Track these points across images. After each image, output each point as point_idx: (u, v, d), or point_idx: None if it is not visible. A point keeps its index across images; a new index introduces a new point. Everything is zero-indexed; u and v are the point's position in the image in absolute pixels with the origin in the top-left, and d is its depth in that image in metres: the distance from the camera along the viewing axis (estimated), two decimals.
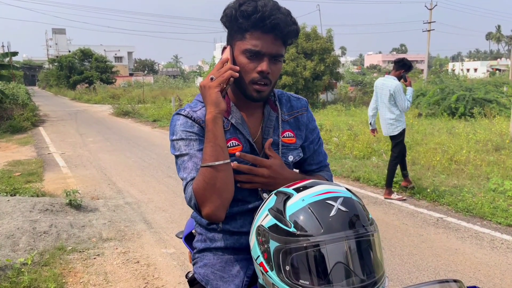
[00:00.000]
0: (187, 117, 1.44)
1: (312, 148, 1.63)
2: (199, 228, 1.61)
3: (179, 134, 1.42)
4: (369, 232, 1.14)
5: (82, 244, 4.39)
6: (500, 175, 6.73)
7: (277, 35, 1.37)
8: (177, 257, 4.14)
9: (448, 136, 10.23)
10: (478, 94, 13.70)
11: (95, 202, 5.93)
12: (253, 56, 1.38)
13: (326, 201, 1.14)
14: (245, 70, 1.39)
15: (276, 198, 1.21)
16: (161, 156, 9.67)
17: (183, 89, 34.81)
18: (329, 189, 1.19)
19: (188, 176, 1.38)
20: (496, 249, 4.23)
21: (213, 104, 1.34)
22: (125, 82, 47.95)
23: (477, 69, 63.19)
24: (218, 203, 1.32)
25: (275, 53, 1.39)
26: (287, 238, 1.11)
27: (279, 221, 1.14)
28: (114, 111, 21.16)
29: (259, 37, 1.36)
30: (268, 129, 1.52)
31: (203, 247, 1.57)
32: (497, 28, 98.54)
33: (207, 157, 1.32)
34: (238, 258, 1.51)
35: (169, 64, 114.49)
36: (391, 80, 5.67)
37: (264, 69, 1.38)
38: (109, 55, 60.28)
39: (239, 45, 1.40)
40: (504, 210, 5.22)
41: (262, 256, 1.18)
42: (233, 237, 1.51)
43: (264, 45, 1.37)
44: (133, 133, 14.04)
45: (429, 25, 34.18)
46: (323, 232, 1.09)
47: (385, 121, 5.79)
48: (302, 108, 1.61)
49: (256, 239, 1.21)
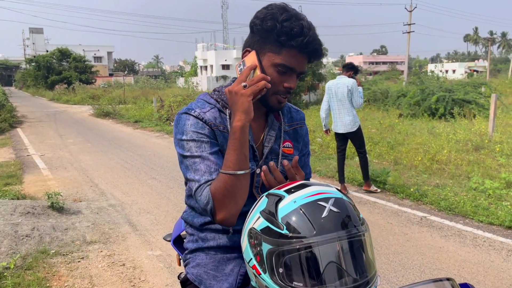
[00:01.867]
0: (198, 118, 1.43)
1: (303, 160, 1.66)
2: (190, 229, 1.61)
3: (190, 134, 1.41)
4: (360, 232, 1.15)
5: (66, 247, 4.32)
6: (481, 174, 6.86)
7: (311, 57, 1.41)
8: (163, 259, 4.10)
9: (429, 136, 10.39)
10: (458, 95, 13.95)
11: (78, 205, 5.84)
12: (283, 72, 1.40)
13: (317, 202, 1.15)
14: (273, 83, 1.39)
15: (268, 200, 1.21)
16: (144, 157, 9.57)
17: (165, 90, 34.51)
18: (320, 190, 1.19)
19: (201, 179, 1.37)
20: (478, 247, 4.31)
21: (244, 112, 1.33)
22: (105, 83, 47.39)
23: (456, 70, 64.41)
24: (235, 210, 1.34)
25: (304, 71, 1.44)
26: (279, 240, 1.11)
27: (271, 224, 1.14)
28: (94, 112, 20.89)
29: (295, 56, 1.38)
30: (270, 137, 1.53)
31: (195, 247, 1.56)
32: (475, 30, 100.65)
33: (231, 164, 1.31)
34: (231, 257, 1.51)
35: (150, 64, 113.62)
36: (346, 79, 6.08)
37: (293, 87, 1.42)
38: (88, 55, 59.50)
39: (271, 57, 1.39)
40: (485, 208, 5.33)
41: (254, 258, 1.18)
42: (226, 235, 1.51)
43: (298, 64, 1.39)
44: (114, 134, 13.88)
45: (409, 27, 34.69)
46: (316, 234, 1.09)
47: (342, 119, 6.08)
48: (301, 121, 1.65)
49: (248, 241, 1.20)
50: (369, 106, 17.09)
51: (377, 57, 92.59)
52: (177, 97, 19.42)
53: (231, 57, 52.29)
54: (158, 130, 14.69)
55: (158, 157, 9.60)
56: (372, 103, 17.68)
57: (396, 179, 6.68)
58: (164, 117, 16.24)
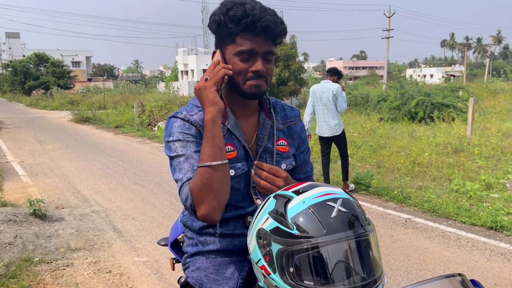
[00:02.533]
0: (184, 120, 1.44)
1: (302, 158, 1.65)
2: (190, 233, 1.60)
3: (176, 135, 1.42)
4: (367, 231, 1.16)
5: (50, 255, 4.23)
6: (461, 177, 7.00)
7: (268, 36, 1.39)
8: (150, 265, 4.05)
9: (410, 139, 10.56)
10: (436, 99, 14.22)
11: (60, 211, 5.73)
12: (246, 58, 1.39)
13: (326, 202, 1.15)
14: (240, 72, 1.40)
15: (276, 201, 1.21)
16: (126, 162, 9.46)
17: (145, 95, 34.26)
18: (328, 190, 1.20)
19: (184, 177, 1.37)
20: (462, 247, 4.40)
21: (211, 104, 1.34)
22: (84, 88, 46.78)
23: (433, 75, 65.72)
24: (214, 204, 1.32)
25: (268, 50, 1.41)
26: (289, 240, 1.11)
27: (281, 224, 1.14)
28: (73, 117, 20.57)
29: (250, 39, 1.38)
30: (263, 136, 1.53)
31: (195, 251, 1.56)
32: (451, 36, 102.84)
33: (205, 157, 1.31)
34: (231, 261, 1.51)
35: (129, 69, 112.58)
36: (331, 83, 6.19)
37: (259, 68, 1.39)
38: (66, 59, 58.65)
39: (230, 49, 1.41)
40: (467, 209, 5.43)
41: (263, 259, 1.18)
42: (226, 239, 1.51)
43: (256, 45, 1.38)
44: (95, 140, 13.68)
45: (388, 33, 35.27)
46: (325, 233, 1.10)
47: (327, 123, 6.16)
48: (296, 118, 1.64)
49: (257, 242, 1.20)
50: (351, 111, 17.29)
51: (356, 62, 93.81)
52: (158, 102, 19.28)
53: None
54: (140, 135, 14.55)
55: (141, 162, 9.50)
56: (353, 107, 17.90)
57: (379, 182, 6.76)
58: (145, 122, 16.09)
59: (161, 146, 12.14)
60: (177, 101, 20.94)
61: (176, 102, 20.50)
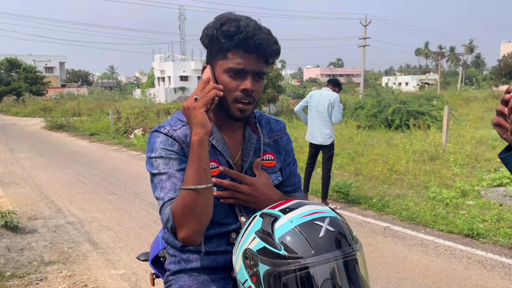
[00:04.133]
0: (167, 135, 1.40)
1: (289, 170, 1.62)
2: (172, 250, 1.55)
3: (159, 151, 1.38)
4: (355, 251, 1.15)
5: (23, 269, 4.07)
6: (437, 184, 7.10)
7: (260, 54, 1.37)
8: (128, 278, 3.95)
9: (387, 147, 10.69)
10: (412, 107, 14.49)
11: (33, 223, 5.55)
12: (236, 75, 1.36)
13: (314, 221, 1.13)
14: (228, 89, 1.36)
15: (263, 220, 1.18)
16: (102, 171, 9.27)
17: (121, 101, 33.81)
18: (315, 209, 1.18)
19: (165, 196, 1.34)
20: (440, 255, 4.44)
21: (200, 125, 1.30)
22: (57, 94, 45.93)
23: (408, 83, 67.07)
24: (196, 228, 1.30)
25: (258, 70, 1.38)
26: (277, 261, 1.08)
27: (268, 244, 1.11)
28: (47, 125, 20.14)
29: (241, 56, 1.35)
30: (248, 152, 1.50)
31: (177, 268, 1.51)
32: (425, 45, 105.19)
33: (190, 179, 1.28)
34: (215, 278, 1.47)
35: (105, 75, 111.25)
36: (330, 92, 6.05)
37: (248, 87, 1.36)
38: (39, 65, 57.46)
39: (221, 64, 1.38)
40: (444, 217, 5.50)
41: (250, 279, 1.14)
42: (210, 256, 1.47)
43: (247, 64, 1.36)
44: (69, 148, 13.39)
45: (364, 41, 35.84)
46: (314, 254, 1.08)
47: (322, 131, 6.05)
48: (281, 132, 1.61)
49: (244, 262, 1.16)
50: None
51: (333, 69, 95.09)
52: (134, 109, 19.06)
53: (190, 69, 52.06)
54: (116, 143, 14.31)
55: (117, 171, 9.33)
56: None
57: (358, 190, 6.80)
58: (121, 129, 15.84)
59: (138, 154, 11.97)
60: (154, 108, 20.77)
61: (153, 109, 20.32)
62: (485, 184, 7.15)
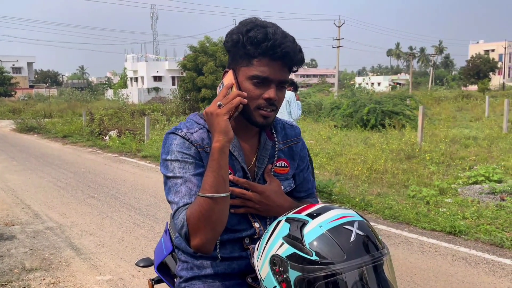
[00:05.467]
0: (184, 138, 1.37)
1: (302, 176, 1.61)
2: (184, 256, 1.52)
3: (175, 154, 1.35)
4: (383, 255, 1.14)
5: (4, 277, 3.92)
6: (416, 183, 7.23)
7: (285, 63, 1.35)
8: (115, 283, 3.85)
9: (364, 146, 10.83)
10: (387, 107, 14.74)
11: (10, 229, 5.36)
12: (260, 83, 1.34)
13: (343, 226, 1.12)
14: (251, 97, 1.34)
15: (290, 226, 1.16)
16: (78, 174, 9.05)
17: (93, 102, 33.21)
18: (343, 213, 1.17)
19: (180, 201, 1.31)
20: (426, 253, 4.51)
21: (222, 133, 1.27)
22: (25, 95, 44.72)
23: (381, 83, 68.29)
24: (210, 236, 1.28)
25: (283, 79, 1.37)
26: (309, 267, 1.07)
27: (299, 250, 1.09)
28: (16, 127, 19.58)
29: (267, 64, 1.33)
30: (263, 158, 1.48)
31: (190, 275, 1.48)
32: (397, 46, 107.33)
33: (208, 187, 1.25)
34: (229, 284, 1.45)
35: (75, 75, 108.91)
36: (287, 92, 6.37)
37: (272, 96, 1.34)
38: (6, 65, 55.79)
39: (244, 71, 1.35)
40: (425, 215, 5.60)
41: (279, 286, 1.12)
42: (224, 263, 1.45)
43: (272, 72, 1.34)
44: (42, 151, 13.03)
45: (338, 42, 36.26)
46: (346, 259, 1.07)
47: None
48: (296, 138, 1.59)
49: (271, 269, 1.14)
50: (305, 118, 17.56)
51: (308, 70, 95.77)
52: (108, 110, 18.71)
53: (163, 69, 51.52)
54: (91, 145, 14.01)
55: (94, 174, 9.12)
56: (307, 115, 18.18)
57: (341, 190, 6.86)
58: (96, 131, 15.51)
59: (114, 156, 11.75)
60: (128, 109, 20.44)
61: (127, 110, 20.00)
62: (461, 182, 7.32)
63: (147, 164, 10.39)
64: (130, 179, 8.57)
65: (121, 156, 11.68)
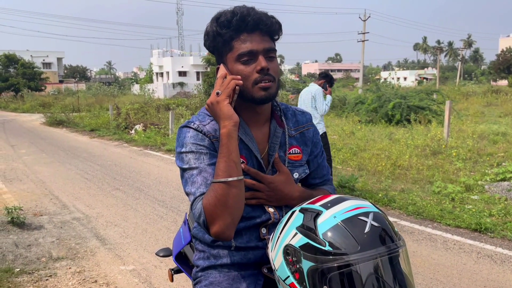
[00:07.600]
0: (197, 130, 1.40)
1: (316, 162, 1.61)
2: (201, 245, 1.54)
3: (189, 146, 1.38)
4: (399, 247, 1.13)
5: (31, 265, 4.06)
6: (441, 179, 7.10)
7: (262, 30, 1.37)
8: (137, 274, 3.93)
9: (389, 142, 10.68)
10: (413, 102, 14.47)
11: (39, 219, 5.53)
12: (248, 60, 1.36)
13: (358, 217, 1.12)
14: (245, 76, 1.36)
15: (304, 216, 1.16)
16: (105, 167, 9.24)
17: (119, 97, 33.75)
18: (358, 204, 1.16)
19: (196, 191, 1.33)
20: (450, 250, 4.44)
21: (226, 118, 1.30)
22: (55, 90, 45.78)
23: (407, 78, 67.10)
24: (229, 221, 1.28)
25: (268, 47, 1.38)
26: (322, 257, 1.07)
27: (312, 240, 1.09)
28: (46, 120, 20.06)
29: (246, 39, 1.36)
30: (274, 145, 1.48)
31: (207, 264, 1.50)
32: (424, 40, 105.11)
33: (220, 172, 1.27)
34: (245, 274, 1.46)
35: (102, 70, 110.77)
36: (314, 85, 6.33)
37: (263, 65, 1.35)
38: (36, 61, 57.15)
39: (230, 57, 1.38)
40: (450, 212, 5.50)
41: (292, 276, 1.13)
42: (240, 252, 1.46)
43: (254, 44, 1.36)
44: (70, 144, 13.34)
45: (363, 36, 35.76)
46: (360, 250, 1.06)
47: None
48: (308, 123, 1.59)
49: (285, 259, 1.15)
50: (328, 113, 17.40)
51: (332, 64, 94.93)
52: (134, 105, 19.01)
53: (188, 64, 51.91)
54: (117, 138, 14.26)
55: (120, 167, 9.30)
56: (330, 110, 18.02)
57: (364, 185, 6.79)
58: (122, 125, 15.78)
59: (140, 149, 11.93)
60: (154, 104, 20.72)
61: (153, 104, 20.27)
62: (488, 178, 7.15)
63: (171, 157, 10.52)
64: (154, 172, 8.70)
65: (146, 150, 11.86)
